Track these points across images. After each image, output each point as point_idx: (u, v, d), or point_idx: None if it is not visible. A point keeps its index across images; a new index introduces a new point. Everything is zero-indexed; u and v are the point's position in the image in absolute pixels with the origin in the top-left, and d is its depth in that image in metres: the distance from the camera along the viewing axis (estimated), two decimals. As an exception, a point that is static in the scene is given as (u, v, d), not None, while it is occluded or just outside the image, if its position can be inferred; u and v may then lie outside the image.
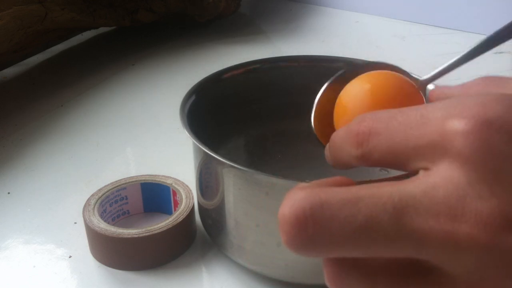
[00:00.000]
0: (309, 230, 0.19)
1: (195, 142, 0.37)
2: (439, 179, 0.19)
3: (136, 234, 0.40)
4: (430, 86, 0.34)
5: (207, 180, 0.39)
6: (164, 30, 0.86)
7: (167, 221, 0.41)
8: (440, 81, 0.33)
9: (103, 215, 0.43)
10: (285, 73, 0.48)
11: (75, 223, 0.46)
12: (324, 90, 0.35)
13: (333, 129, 0.32)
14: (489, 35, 0.31)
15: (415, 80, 0.33)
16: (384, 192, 0.20)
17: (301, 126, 0.39)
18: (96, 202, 0.43)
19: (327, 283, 0.22)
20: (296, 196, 0.20)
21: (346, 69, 0.34)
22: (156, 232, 0.40)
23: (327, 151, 0.27)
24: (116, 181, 0.45)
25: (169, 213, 0.45)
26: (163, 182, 0.45)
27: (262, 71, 0.48)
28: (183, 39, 0.84)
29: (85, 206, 0.42)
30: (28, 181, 0.52)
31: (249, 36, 0.86)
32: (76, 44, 0.84)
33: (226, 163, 0.35)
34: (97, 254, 0.42)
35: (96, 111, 0.64)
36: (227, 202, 0.37)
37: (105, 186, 0.44)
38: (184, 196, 0.43)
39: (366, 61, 0.36)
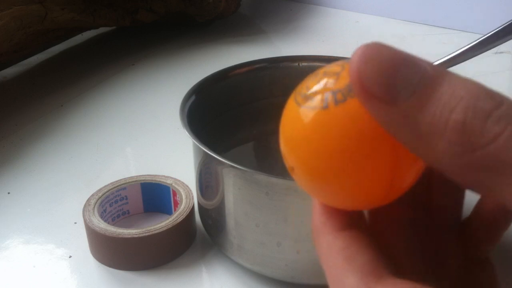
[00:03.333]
0: None
1: (195, 142, 0.37)
2: None
3: (136, 234, 0.40)
4: None
5: (207, 180, 0.39)
6: (164, 30, 0.86)
7: (167, 221, 0.41)
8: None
9: (103, 215, 0.43)
10: (285, 73, 0.48)
11: (75, 223, 0.46)
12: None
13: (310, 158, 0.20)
14: (486, 35, 0.31)
15: None
16: None
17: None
18: (96, 202, 0.43)
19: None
20: None
21: None
22: (156, 232, 0.40)
23: None
24: (116, 181, 0.45)
25: (169, 213, 0.45)
26: (163, 182, 0.45)
27: (262, 71, 0.48)
28: (183, 39, 0.84)
29: (85, 206, 0.42)
30: (28, 181, 0.52)
31: (249, 36, 0.86)
32: (76, 44, 0.84)
33: (226, 163, 0.35)
34: (97, 254, 0.42)
35: (96, 111, 0.64)
36: (227, 202, 0.37)
37: (105, 186, 0.44)
38: (184, 196, 0.43)
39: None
